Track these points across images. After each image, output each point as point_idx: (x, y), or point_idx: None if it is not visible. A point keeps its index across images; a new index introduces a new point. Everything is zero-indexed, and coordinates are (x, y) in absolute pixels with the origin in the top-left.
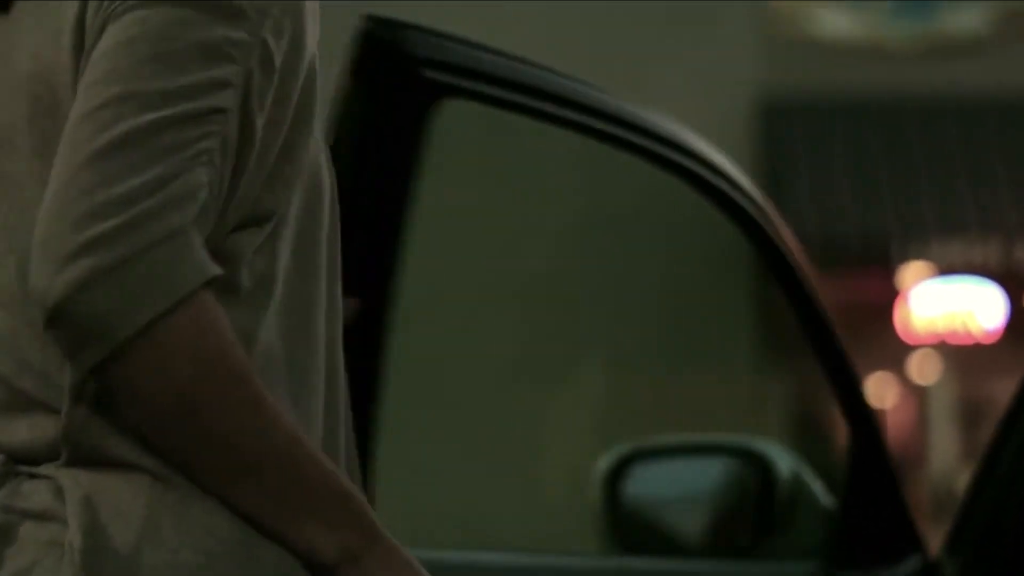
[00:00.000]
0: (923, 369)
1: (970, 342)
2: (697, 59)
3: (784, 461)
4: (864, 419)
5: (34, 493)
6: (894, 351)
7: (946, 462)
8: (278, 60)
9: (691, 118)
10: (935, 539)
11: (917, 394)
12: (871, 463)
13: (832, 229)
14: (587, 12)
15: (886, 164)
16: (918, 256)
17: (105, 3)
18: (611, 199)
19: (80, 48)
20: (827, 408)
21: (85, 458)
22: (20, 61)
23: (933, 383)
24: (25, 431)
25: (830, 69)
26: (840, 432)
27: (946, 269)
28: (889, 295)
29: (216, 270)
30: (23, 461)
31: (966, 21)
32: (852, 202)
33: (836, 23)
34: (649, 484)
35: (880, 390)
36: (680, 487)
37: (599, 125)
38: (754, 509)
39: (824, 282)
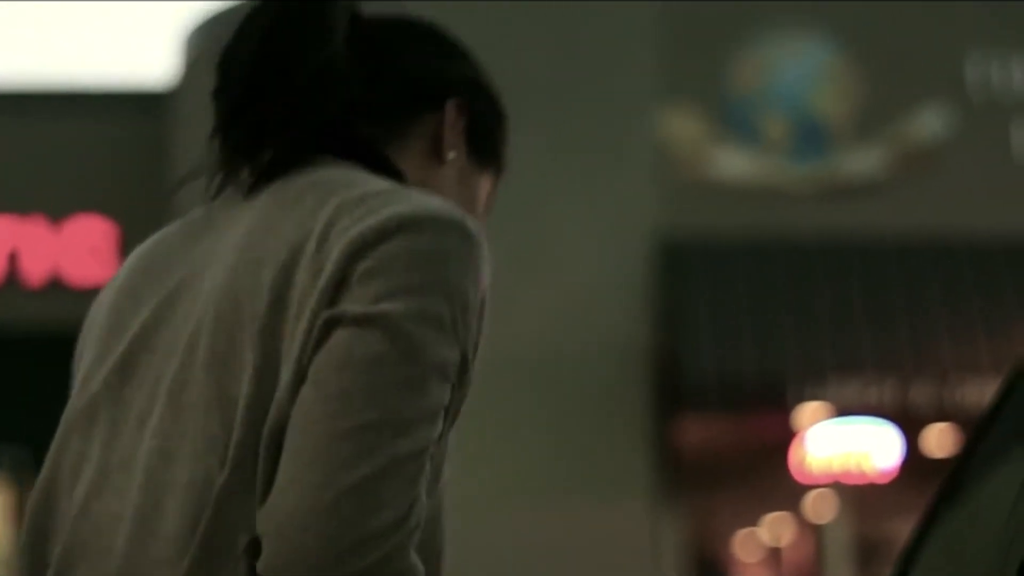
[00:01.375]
0: (819, 509)
1: (865, 482)
2: (597, 200)
3: None
4: None
5: None
6: (790, 491)
7: None
8: (472, 367)
9: (592, 259)
10: None
11: (813, 533)
12: None
13: (730, 369)
14: None
15: (785, 305)
16: (815, 397)
17: (309, 296)
18: (509, 334)
19: (280, 297)
20: (722, 546)
21: None
22: (213, 288)
23: (829, 522)
24: None
25: (729, 211)
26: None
27: (843, 410)
28: (785, 435)
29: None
30: None
31: (863, 163)
32: (750, 343)
33: (734, 165)
34: None
35: (777, 530)
36: None
37: None
38: None
39: (722, 422)
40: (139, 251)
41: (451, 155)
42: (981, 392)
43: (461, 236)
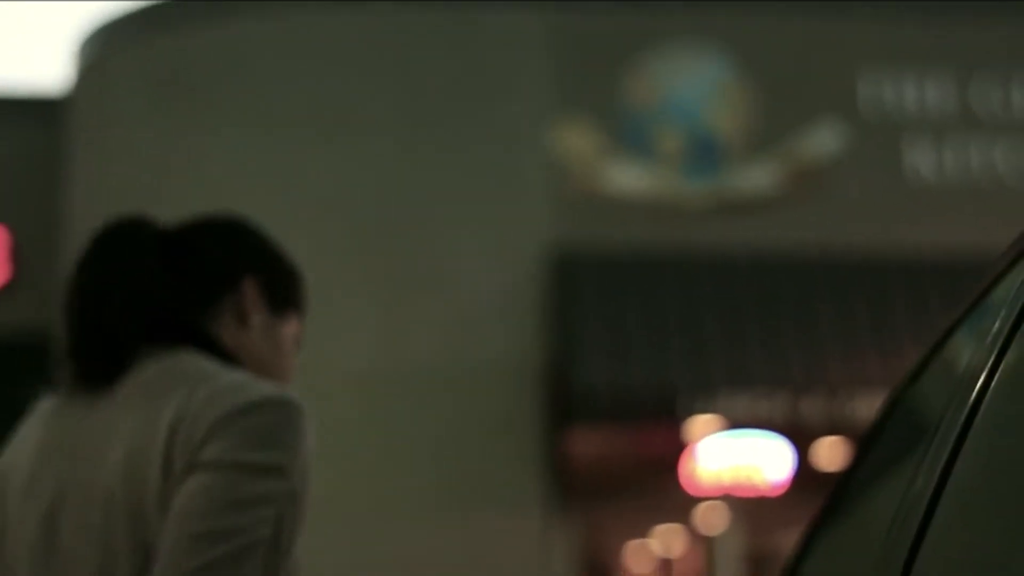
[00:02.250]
0: (709, 520)
1: (756, 495)
2: (491, 214)
3: None
4: None
5: None
6: (681, 503)
7: None
8: (302, 498)
9: (486, 273)
10: None
11: (703, 545)
12: None
13: (622, 383)
14: (383, 168)
15: (676, 319)
16: (706, 410)
17: (187, 454)
18: (405, 347)
19: (167, 470)
20: (614, 557)
21: None
22: (116, 446)
23: (719, 534)
24: None
25: (623, 225)
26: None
27: (734, 423)
28: (677, 448)
29: None
30: None
31: (755, 179)
32: (642, 356)
33: (628, 180)
34: None
35: (667, 541)
36: None
37: None
38: None
39: (614, 435)
40: (24, 435)
41: (254, 319)
42: (871, 406)
43: (289, 410)
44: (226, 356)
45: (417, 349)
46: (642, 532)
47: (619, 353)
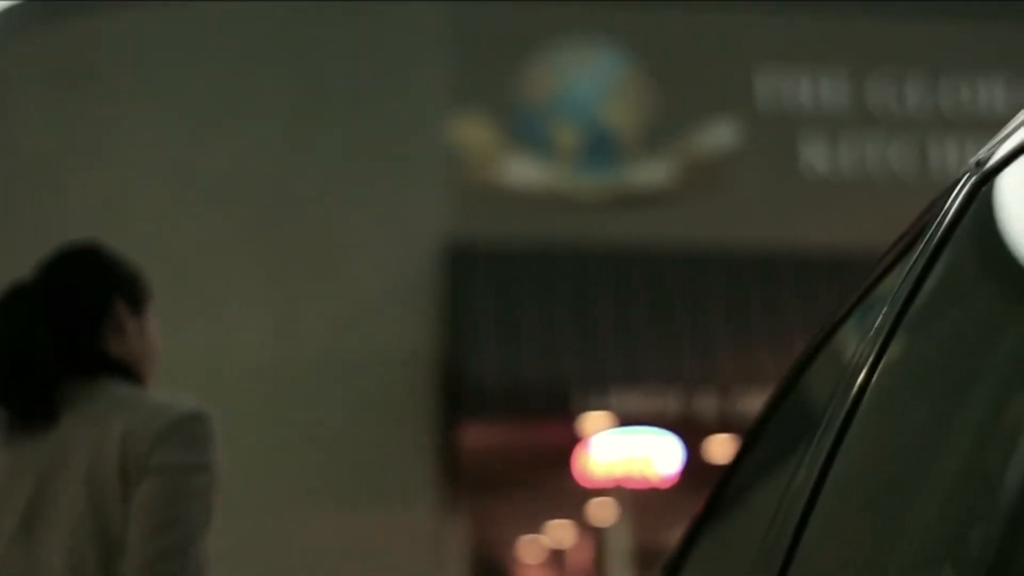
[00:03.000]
0: (601, 514)
1: (647, 488)
2: (386, 205)
3: None
4: None
5: None
6: (574, 496)
7: None
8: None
9: (381, 264)
10: None
11: (595, 537)
12: None
13: (515, 376)
14: (279, 155)
15: (571, 313)
16: (599, 405)
17: (138, 462)
18: (298, 336)
19: (123, 474)
20: (506, 550)
21: None
22: (77, 462)
23: (610, 527)
24: None
25: (518, 217)
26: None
27: (626, 418)
28: (569, 442)
29: None
30: None
31: (651, 174)
32: (535, 350)
33: (524, 173)
34: None
35: (560, 534)
36: None
37: None
38: None
39: (507, 428)
40: None
41: (128, 327)
42: (763, 403)
43: (204, 419)
44: (122, 369)
45: (311, 338)
46: (534, 525)
47: (512, 346)
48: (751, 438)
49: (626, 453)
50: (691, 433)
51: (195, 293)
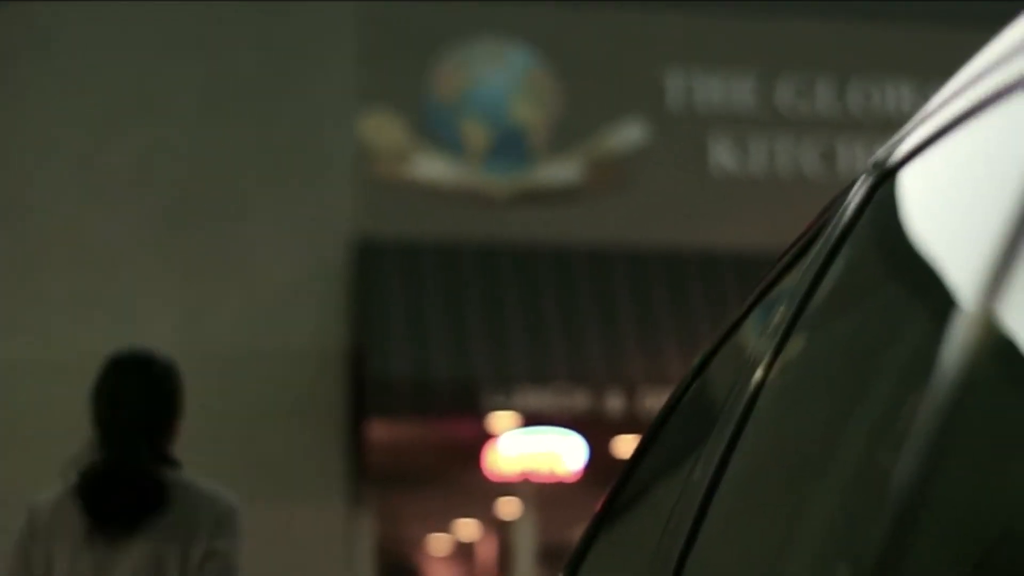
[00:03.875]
0: (507, 511)
1: (553, 482)
2: (296, 201)
3: None
4: None
5: None
6: (481, 493)
7: None
8: None
9: (290, 260)
10: None
11: (502, 533)
12: None
13: (425, 373)
14: (187, 150)
15: (479, 310)
16: (506, 402)
17: (205, 540)
18: (206, 331)
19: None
20: (415, 545)
21: None
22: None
23: (517, 524)
24: None
25: (427, 214)
26: (427, 568)
27: (533, 416)
28: (477, 438)
29: None
30: None
31: (560, 172)
32: (444, 347)
33: (433, 170)
34: None
35: (467, 529)
36: None
37: None
38: None
39: (415, 426)
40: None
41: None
42: (664, 400)
43: (237, 509)
44: (170, 461)
45: (219, 334)
46: (442, 522)
47: (421, 343)
48: (651, 436)
49: (533, 450)
50: (598, 431)
51: (102, 289)
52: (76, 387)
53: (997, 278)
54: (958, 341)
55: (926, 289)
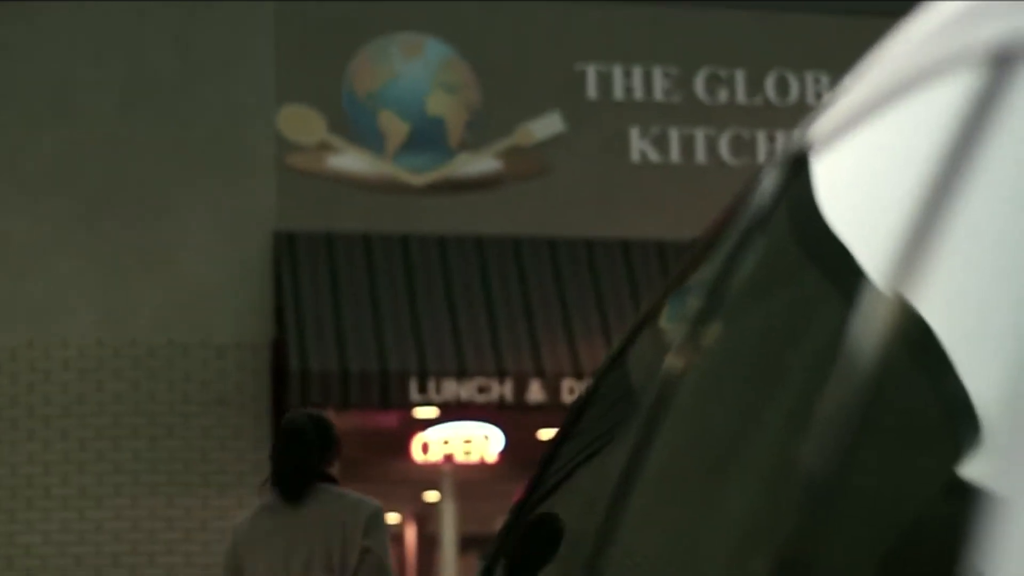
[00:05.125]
0: (429, 500)
1: (474, 470)
2: (217, 194)
3: None
4: None
5: None
6: (402, 484)
7: (449, 571)
8: None
9: (211, 251)
10: None
11: (423, 523)
12: None
13: (344, 365)
14: (108, 145)
15: (399, 302)
16: (427, 393)
17: (358, 537)
18: (128, 324)
19: (347, 539)
20: None
21: None
22: (320, 526)
23: (438, 513)
24: None
25: (346, 207)
26: None
27: (452, 407)
28: (398, 430)
29: None
30: None
31: (478, 164)
32: (365, 339)
33: (353, 163)
34: None
35: (390, 518)
36: None
37: None
38: None
39: (336, 417)
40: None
41: (337, 460)
42: (582, 389)
43: (381, 509)
44: (333, 480)
45: (140, 328)
46: None
47: (341, 336)
48: (569, 424)
49: (453, 440)
50: (518, 421)
51: (22, 284)
52: None
53: (907, 264)
54: (870, 328)
55: (838, 276)
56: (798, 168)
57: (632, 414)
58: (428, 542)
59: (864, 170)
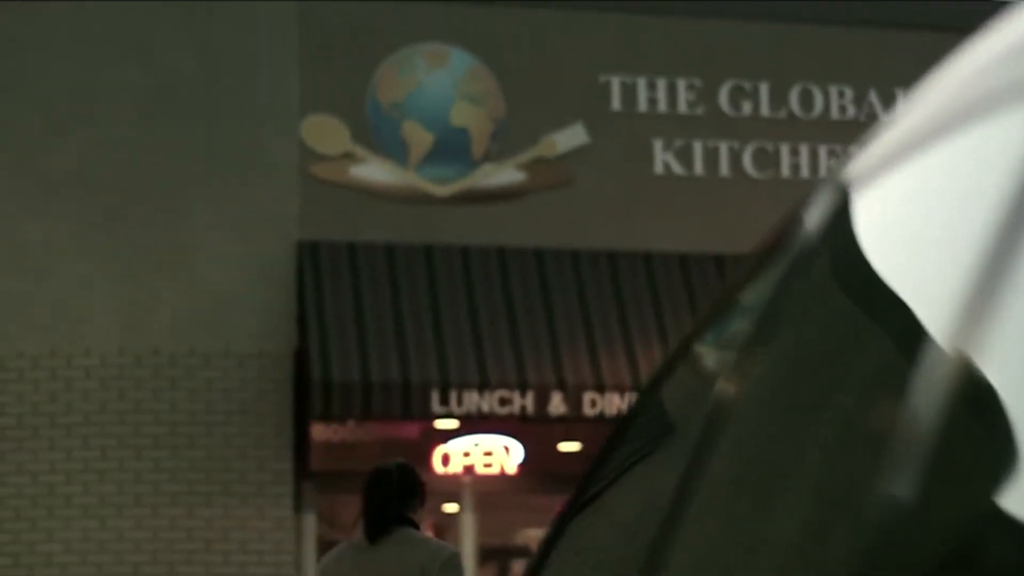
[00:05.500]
0: (450, 511)
1: (494, 482)
2: (240, 202)
3: None
4: None
5: None
6: (428, 489)
7: None
8: None
9: (233, 260)
10: None
11: (444, 534)
12: None
13: (371, 373)
14: (129, 152)
15: (422, 312)
16: (449, 405)
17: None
18: (150, 331)
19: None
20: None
21: None
22: (395, 565)
23: (459, 524)
24: None
25: (370, 217)
26: None
27: (474, 418)
28: (419, 440)
29: None
30: None
31: (502, 176)
32: (387, 348)
33: (376, 174)
34: None
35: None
36: None
37: None
38: None
39: (357, 427)
40: (337, 555)
41: (420, 507)
42: (612, 405)
43: (458, 554)
44: (414, 525)
45: (161, 336)
46: None
47: (364, 346)
48: (609, 447)
49: (473, 454)
50: (540, 434)
51: (43, 290)
52: (16, 386)
53: (968, 303)
54: (926, 367)
55: (890, 309)
56: (852, 195)
57: (679, 438)
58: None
59: (923, 201)
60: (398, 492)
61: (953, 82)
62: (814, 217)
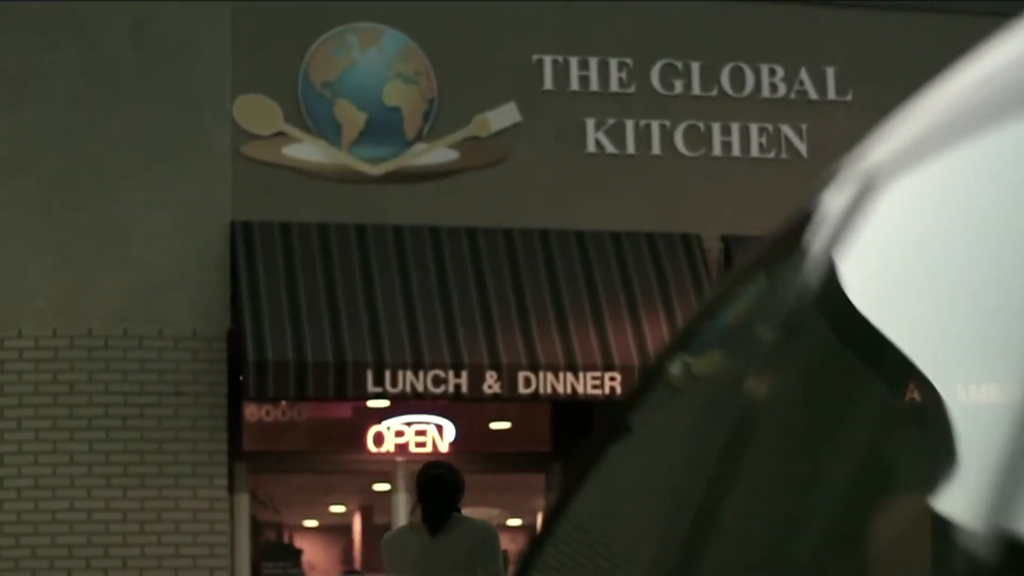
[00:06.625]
0: (383, 488)
1: (427, 456)
2: (173, 182)
3: None
4: None
5: None
6: (356, 474)
7: None
8: None
9: (168, 240)
10: None
11: (377, 515)
12: None
13: (305, 354)
14: (65, 133)
15: (356, 292)
16: (383, 384)
17: (482, 560)
18: (85, 313)
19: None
20: (292, 524)
21: None
22: (455, 549)
23: (392, 503)
24: None
25: (303, 197)
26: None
27: (409, 398)
28: (354, 421)
29: None
30: None
31: (434, 155)
32: (320, 328)
33: (310, 153)
34: None
35: (343, 511)
36: None
37: None
38: None
39: (291, 407)
40: (400, 535)
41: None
42: (546, 383)
43: (497, 535)
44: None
45: (95, 316)
46: (319, 503)
47: (298, 326)
48: (609, 434)
49: (407, 432)
50: (472, 414)
51: None
52: None
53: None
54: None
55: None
56: (869, 190)
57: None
58: (378, 532)
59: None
60: (452, 492)
61: (969, 82)
62: (830, 216)
